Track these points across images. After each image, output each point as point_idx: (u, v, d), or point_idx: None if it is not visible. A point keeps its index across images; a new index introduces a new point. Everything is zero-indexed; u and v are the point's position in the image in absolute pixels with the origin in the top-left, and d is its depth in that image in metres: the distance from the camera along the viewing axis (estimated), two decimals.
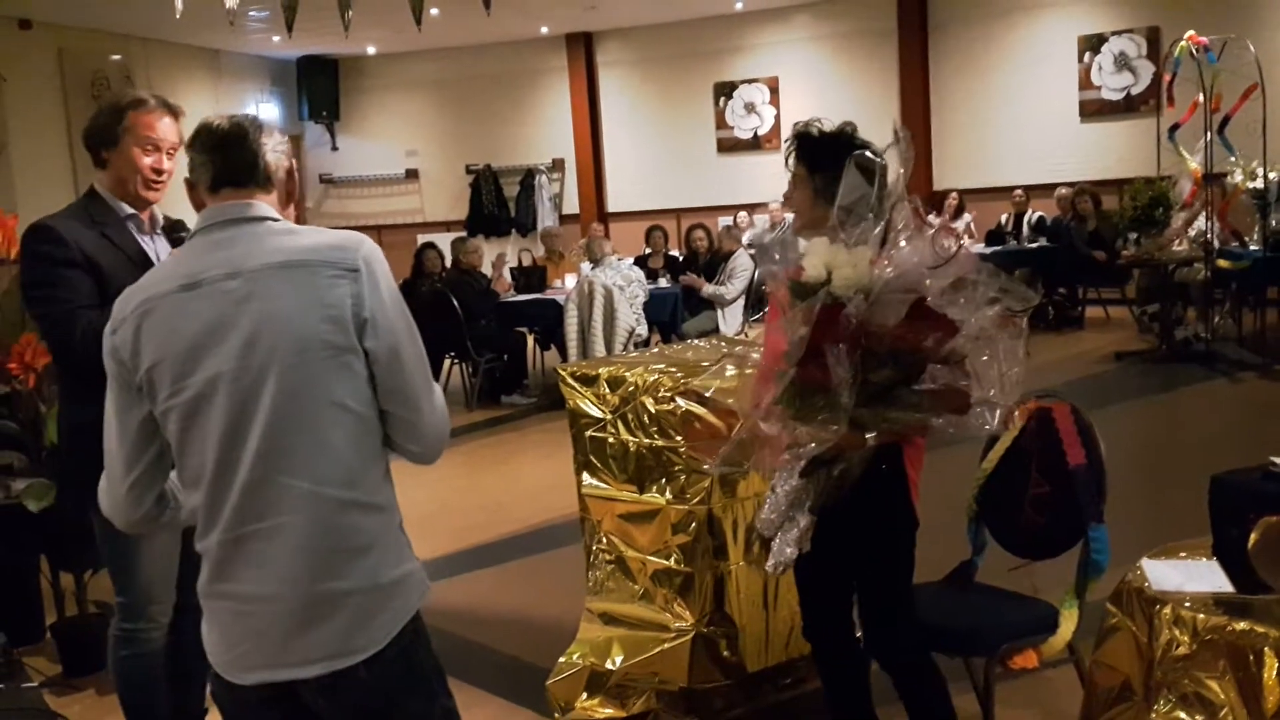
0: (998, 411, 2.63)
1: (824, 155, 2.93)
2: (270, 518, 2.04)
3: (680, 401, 3.62)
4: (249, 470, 2.04)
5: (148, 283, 2.14)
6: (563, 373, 3.99)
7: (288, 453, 2.03)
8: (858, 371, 2.50)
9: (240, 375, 2.03)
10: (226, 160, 2.16)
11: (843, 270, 2.54)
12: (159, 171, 3.27)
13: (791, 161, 3.03)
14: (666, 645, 3.69)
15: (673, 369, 3.74)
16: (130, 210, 3.29)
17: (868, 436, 2.62)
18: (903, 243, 2.58)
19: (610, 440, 3.80)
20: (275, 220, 2.15)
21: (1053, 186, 12.59)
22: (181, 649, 3.27)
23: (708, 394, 3.43)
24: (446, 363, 10.25)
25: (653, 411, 3.68)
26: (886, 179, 2.70)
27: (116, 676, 3.40)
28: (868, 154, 2.80)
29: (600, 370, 3.87)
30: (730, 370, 3.65)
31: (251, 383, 2.02)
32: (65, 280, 3.12)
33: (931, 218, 2.69)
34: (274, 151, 2.19)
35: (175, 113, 3.31)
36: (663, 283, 10.71)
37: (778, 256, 2.68)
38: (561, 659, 3.89)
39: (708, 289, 10.43)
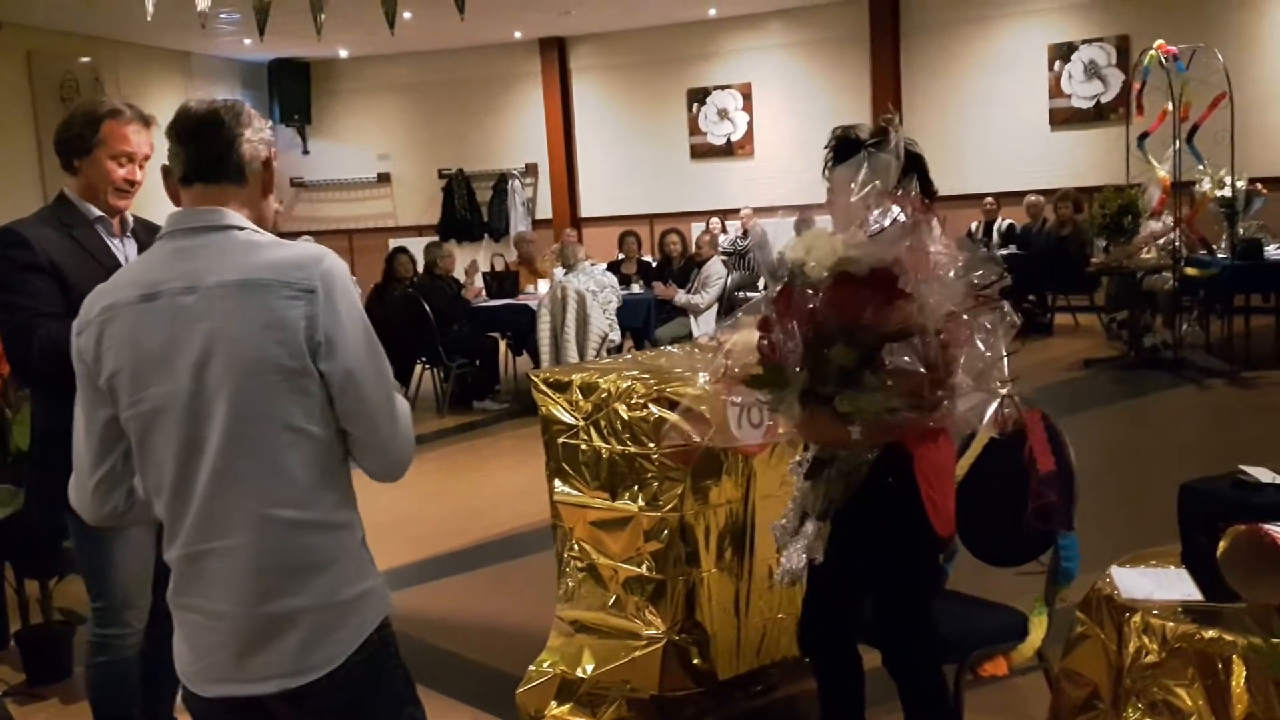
0: (979, 411, 2.60)
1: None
2: (225, 538, 2.03)
3: (653, 408, 3.61)
4: (204, 489, 2.03)
5: (112, 286, 2.11)
6: (535, 379, 3.98)
7: (240, 475, 2.01)
8: (808, 347, 2.48)
9: (194, 395, 2.00)
10: (199, 153, 2.12)
11: (816, 251, 2.53)
12: (131, 182, 3.25)
13: (831, 168, 3.01)
14: (638, 653, 3.68)
15: (646, 376, 3.73)
16: (99, 213, 3.27)
17: (852, 431, 2.59)
18: (876, 222, 2.58)
19: (583, 447, 3.79)
20: (240, 229, 2.08)
21: (1023, 194, 12.67)
22: (155, 656, 3.23)
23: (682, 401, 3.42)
24: (418, 368, 10.21)
25: (625, 418, 3.66)
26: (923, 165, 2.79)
27: (89, 684, 3.36)
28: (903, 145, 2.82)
29: (573, 376, 3.85)
30: (704, 378, 3.65)
31: (205, 403, 2.00)
32: (27, 286, 3.10)
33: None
34: (250, 142, 2.13)
35: (149, 122, 3.29)
36: (636, 288, 10.70)
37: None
38: (532, 667, 3.87)
39: (681, 298, 10.44)
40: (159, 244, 2.13)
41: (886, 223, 2.59)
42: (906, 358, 2.47)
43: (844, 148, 3.01)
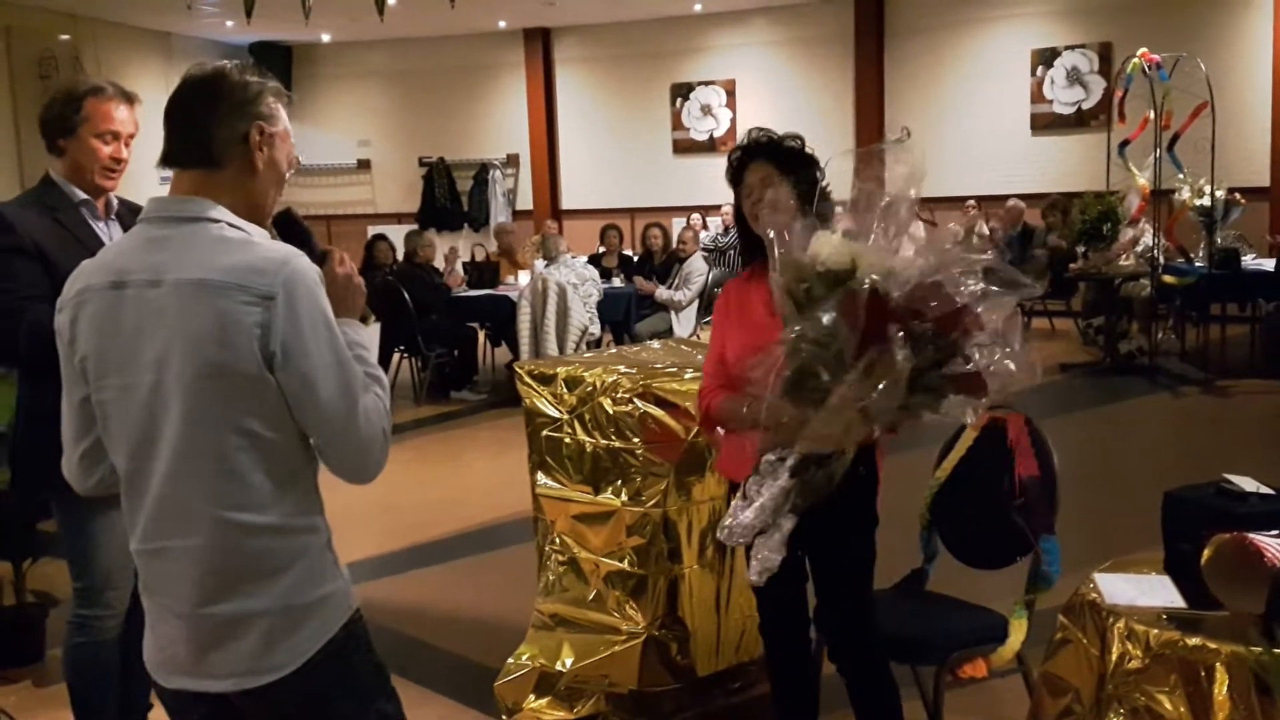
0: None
1: (793, 162, 3.02)
2: (178, 538, 2.01)
3: (638, 403, 3.61)
4: (158, 488, 2.00)
5: (90, 269, 2.08)
6: (520, 371, 3.96)
7: (193, 476, 1.98)
8: (910, 358, 2.47)
9: (150, 392, 1.97)
10: (171, 133, 2.05)
11: (867, 258, 2.52)
12: (118, 160, 3.22)
13: (755, 165, 3.04)
14: (617, 648, 3.68)
15: (631, 370, 3.73)
16: (84, 196, 3.24)
17: (875, 429, 2.58)
18: (914, 233, 2.58)
19: (566, 440, 3.78)
20: (215, 222, 2.00)
21: (1004, 198, 12.73)
22: (134, 640, 3.21)
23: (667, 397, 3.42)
24: (396, 356, 10.17)
25: (610, 413, 3.66)
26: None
27: (67, 665, 3.33)
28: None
29: (558, 370, 3.84)
30: (689, 374, 3.66)
31: (161, 401, 1.97)
32: (10, 269, 3.07)
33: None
34: (223, 122, 2.02)
35: (132, 100, 3.25)
36: (616, 282, 10.69)
37: (796, 242, 2.64)
38: (510, 659, 3.86)
39: (662, 294, 10.43)
40: (136, 229, 2.08)
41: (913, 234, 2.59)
42: (975, 360, 2.49)
43: (760, 150, 3.05)
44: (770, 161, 3.02)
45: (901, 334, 2.49)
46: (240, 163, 2.05)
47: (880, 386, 2.47)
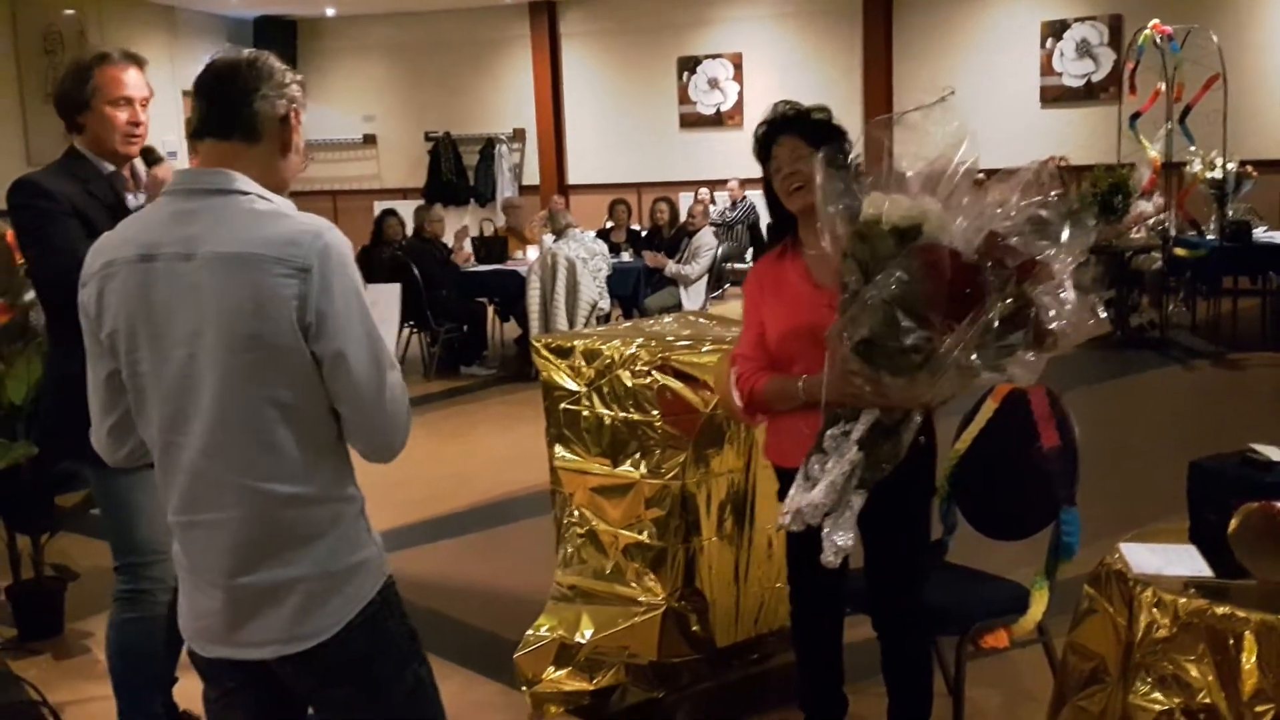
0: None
1: (822, 134, 2.98)
2: (214, 510, 2.02)
3: (657, 375, 3.61)
4: (193, 461, 2.01)
5: (114, 241, 2.08)
6: (537, 344, 3.96)
7: (229, 449, 1.99)
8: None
9: (184, 366, 1.98)
10: (209, 107, 2.06)
11: (934, 212, 2.50)
12: (135, 124, 3.19)
13: (783, 140, 3.01)
14: (636, 619, 3.69)
15: (649, 343, 3.72)
16: (111, 168, 3.22)
17: (942, 388, 2.57)
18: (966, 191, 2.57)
19: (584, 413, 3.78)
20: (245, 194, 2.02)
21: (1012, 172, 12.65)
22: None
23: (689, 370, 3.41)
24: (405, 332, 10.16)
25: (629, 385, 3.66)
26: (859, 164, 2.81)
27: (112, 643, 3.27)
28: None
29: (575, 343, 3.84)
30: (707, 347, 3.65)
31: (195, 374, 1.97)
32: (60, 226, 3.05)
33: None
34: (267, 98, 2.06)
35: (140, 63, 3.23)
36: (625, 257, 10.67)
37: (843, 202, 2.61)
38: (529, 631, 3.87)
39: (671, 268, 10.41)
40: (162, 201, 2.08)
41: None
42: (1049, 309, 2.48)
43: (789, 124, 3.02)
44: (798, 135, 2.99)
45: (986, 284, 2.47)
46: (275, 141, 2.09)
47: (984, 336, 2.46)
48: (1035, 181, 2.59)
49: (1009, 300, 2.47)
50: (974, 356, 2.45)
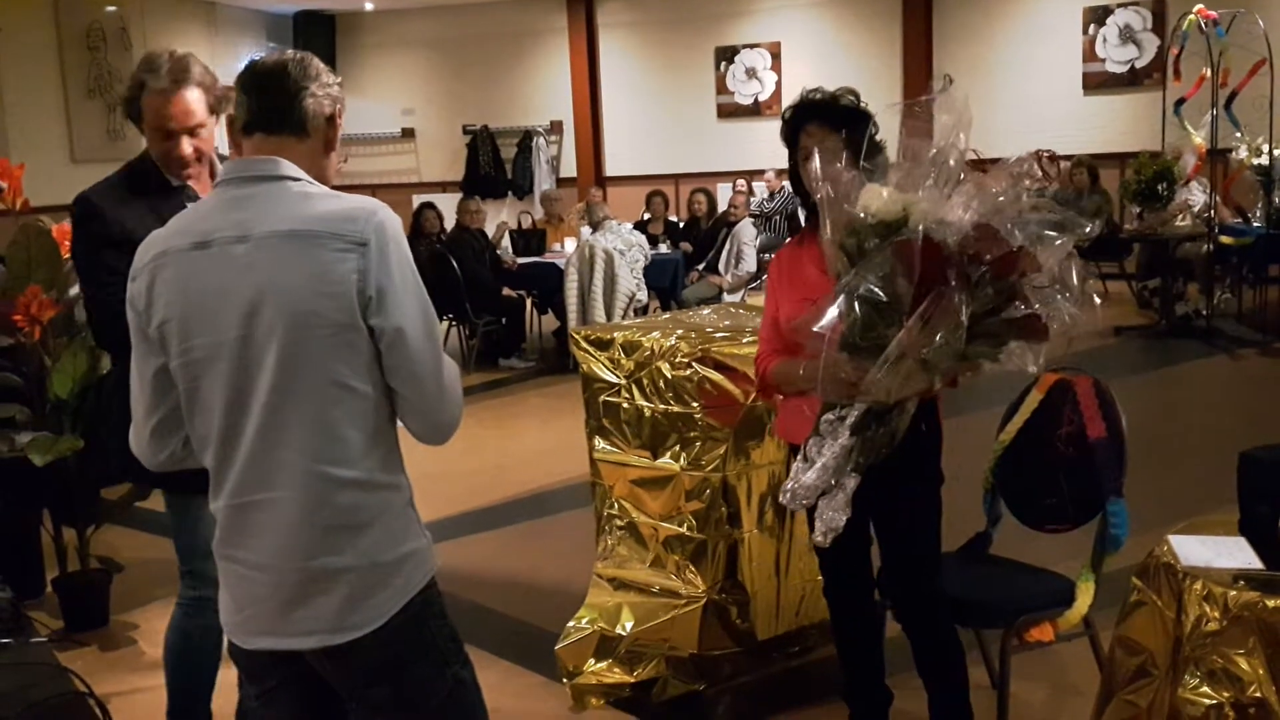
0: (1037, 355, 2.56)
1: (847, 119, 2.96)
2: (269, 490, 2.02)
3: (697, 367, 3.60)
4: (251, 441, 2.01)
5: (167, 233, 2.09)
6: (576, 336, 3.95)
7: (287, 428, 1.99)
8: (968, 304, 2.44)
9: (242, 347, 1.98)
10: (261, 103, 2.08)
11: (919, 205, 2.47)
12: (190, 155, 2.98)
13: (809, 127, 2.99)
14: (677, 612, 3.68)
15: (689, 334, 3.71)
16: (178, 182, 3.04)
17: (935, 380, 2.57)
18: (966, 181, 2.54)
19: (624, 405, 3.77)
20: (295, 180, 2.05)
21: (1057, 159, 12.54)
22: None
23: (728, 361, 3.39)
24: (444, 324, 10.19)
25: (669, 377, 3.65)
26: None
27: (171, 648, 3.23)
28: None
29: (615, 335, 3.83)
30: (747, 338, 3.63)
31: (253, 355, 1.98)
32: (103, 261, 2.93)
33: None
34: (315, 96, 2.09)
35: (187, 80, 2.95)
36: (663, 248, 10.64)
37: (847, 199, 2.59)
38: (570, 623, 3.87)
39: (727, 282, 10.33)
40: (214, 192, 2.11)
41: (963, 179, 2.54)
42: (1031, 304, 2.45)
43: (815, 110, 2.99)
44: (824, 121, 2.97)
45: (958, 279, 2.45)
46: (321, 138, 2.13)
47: (939, 335, 2.43)
48: (1022, 173, 2.55)
49: (990, 292, 2.45)
50: (926, 351, 2.43)
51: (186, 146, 2.99)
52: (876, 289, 2.49)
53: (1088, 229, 2.51)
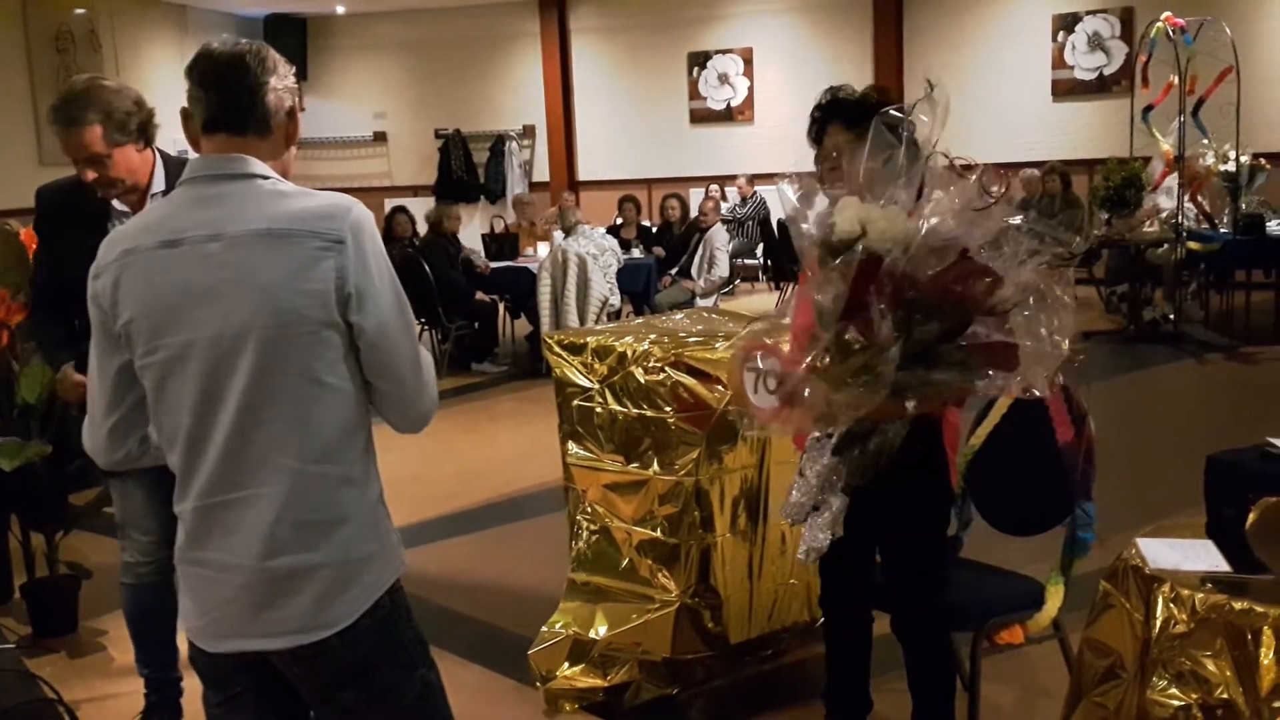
0: (1041, 373, 2.57)
1: (868, 119, 2.88)
2: (244, 488, 2.00)
3: (670, 372, 3.60)
4: (224, 440, 1.99)
5: (133, 230, 2.06)
6: (549, 340, 3.95)
7: (262, 425, 1.98)
8: (903, 328, 2.43)
9: (215, 344, 1.97)
10: (221, 100, 2.04)
11: (878, 224, 2.47)
12: (100, 182, 3.19)
13: (833, 128, 2.98)
14: (651, 616, 3.68)
15: (662, 339, 3.71)
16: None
17: (907, 404, 2.55)
18: (938, 193, 2.52)
19: (597, 410, 3.77)
20: (265, 178, 2.03)
21: (1023, 165, 12.62)
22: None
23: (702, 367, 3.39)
24: (417, 329, 10.15)
25: (642, 382, 3.65)
26: (915, 136, 2.61)
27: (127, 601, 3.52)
28: (893, 111, 2.70)
29: (588, 339, 3.83)
30: (720, 343, 3.64)
31: (226, 353, 1.97)
32: (41, 250, 3.14)
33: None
34: (275, 91, 2.06)
35: (83, 124, 3.14)
36: (636, 253, 10.65)
37: (808, 217, 2.59)
38: (544, 628, 3.87)
39: (699, 287, 10.35)
40: (180, 190, 2.07)
41: (938, 193, 2.54)
42: (997, 332, 2.46)
43: (840, 110, 2.98)
44: (842, 122, 2.95)
45: (891, 306, 2.43)
46: (282, 134, 2.10)
47: (851, 359, 2.43)
48: (978, 186, 2.53)
49: (935, 327, 2.45)
50: (930, 373, 2.43)
51: (89, 173, 3.17)
52: (827, 311, 2.50)
53: (1066, 246, 2.52)
